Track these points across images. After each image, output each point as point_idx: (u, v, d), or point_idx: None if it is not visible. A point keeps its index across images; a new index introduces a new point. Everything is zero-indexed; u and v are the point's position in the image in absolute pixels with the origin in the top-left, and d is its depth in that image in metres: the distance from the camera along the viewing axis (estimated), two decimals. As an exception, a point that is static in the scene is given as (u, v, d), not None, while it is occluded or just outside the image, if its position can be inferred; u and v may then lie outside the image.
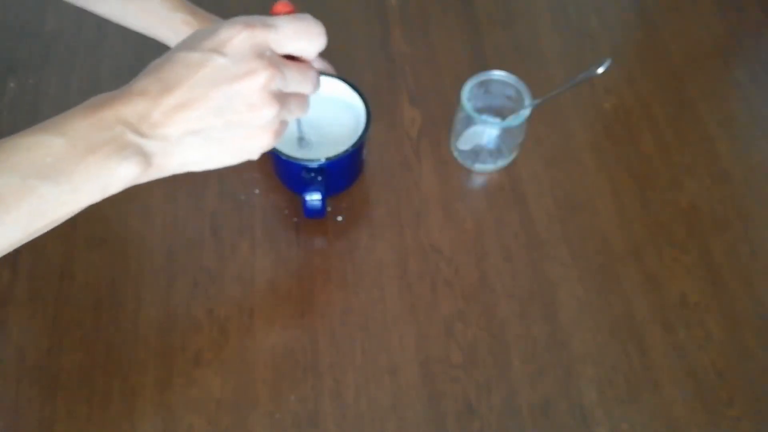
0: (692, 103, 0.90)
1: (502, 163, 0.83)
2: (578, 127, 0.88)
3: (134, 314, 0.74)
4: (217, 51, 0.49)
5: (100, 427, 0.68)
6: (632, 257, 0.78)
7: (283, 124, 0.54)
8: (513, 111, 0.79)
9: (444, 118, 0.86)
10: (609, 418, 0.69)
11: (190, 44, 0.50)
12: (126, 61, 0.91)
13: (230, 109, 0.50)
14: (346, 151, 0.74)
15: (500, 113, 0.81)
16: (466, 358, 0.72)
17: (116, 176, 0.48)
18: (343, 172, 0.79)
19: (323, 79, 0.77)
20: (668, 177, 0.84)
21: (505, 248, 0.78)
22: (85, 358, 0.71)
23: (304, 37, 0.52)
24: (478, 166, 0.83)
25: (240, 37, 0.49)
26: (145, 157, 0.49)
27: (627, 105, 0.90)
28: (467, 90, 0.79)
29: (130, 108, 0.48)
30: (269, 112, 0.51)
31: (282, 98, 0.52)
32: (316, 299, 0.75)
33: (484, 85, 0.80)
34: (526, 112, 0.77)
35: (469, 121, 0.79)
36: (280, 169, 0.81)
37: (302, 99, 0.55)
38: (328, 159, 0.74)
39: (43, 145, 0.47)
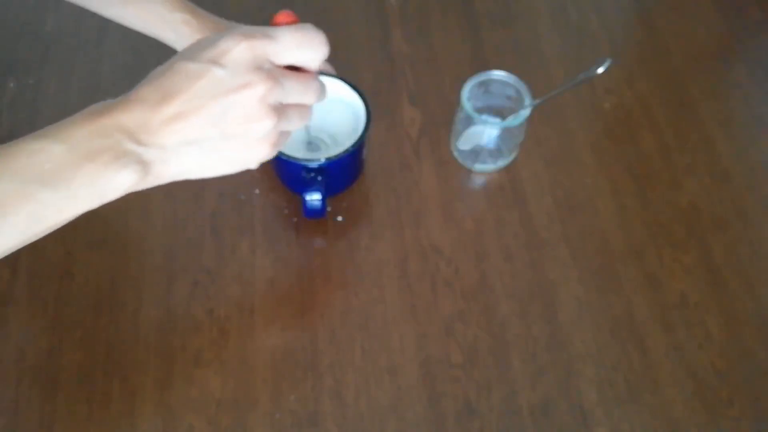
0: (692, 103, 0.90)
1: (502, 163, 0.83)
2: (578, 127, 0.88)
3: (134, 314, 0.74)
4: (216, 62, 0.49)
5: (100, 427, 0.68)
6: (632, 257, 0.78)
7: (284, 134, 0.54)
8: (513, 111, 0.79)
9: (444, 118, 0.87)
10: (609, 418, 0.69)
11: (190, 54, 0.50)
12: (126, 61, 0.91)
13: (227, 120, 0.50)
14: (346, 151, 0.74)
15: (500, 113, 0.82)
16: (466, 358, 0.72)
17: (114, 184, 0.49)
18: (343, 172, 0.79)
19: (327, 80, 0.77)
20: (668, 177, 0.84)
21: (505, 248, 0.79)
22: (85, 358, 0.72)
23: (305, 48, 0.52)
24: (478, 166, 0.83)
25: (239, 48, 0.49)
26: (143, 165, 0.49)
27: (627, 105, 0.90)
28: (467, 90, 0.79)
29: (129, 116, 0.49)
30: (266, 124, 0.51)
31: (281, 110, 0.52)
32: (316, 299, 0.76)
33: (484, 85, 0.81)
34: (526, 112, 0.77)
35: (469, 121, 0.79)
36: (280, 169, 0.81)
37: (303, 109, 0.55)
38: (328, 159, 0.74)
39: (43, 151, 0.47)
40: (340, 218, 0.80)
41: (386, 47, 0.93)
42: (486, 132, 0.80)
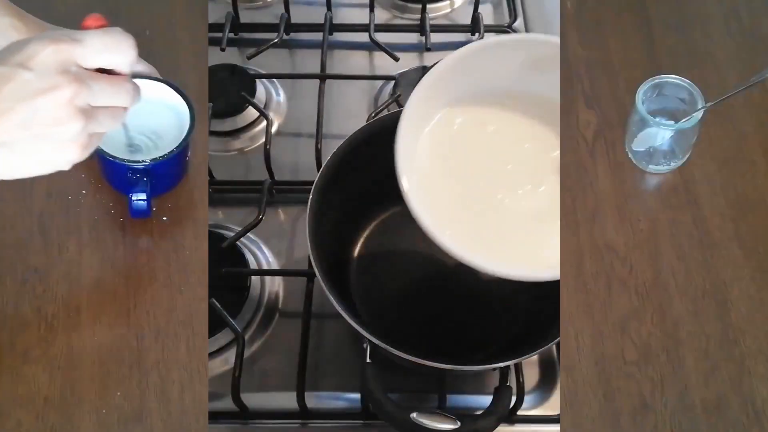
0: None
1: (675, 164, 0.98)
2: (751, 129, 1.02)
3: (-37, 312, 0.86)
4: (24, 66, 0.58)
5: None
6: (805, 256, 0.91)
7: (95, 136, 0.64)
8: (686, 113, 0.92)
9: (619, 120, 1.02)
10: (782, 415, 0.82)
11: (1, 58, 0.60)
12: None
13: (35, 123, 0.59)
14: (171, 152, 0.89)
15: (674, 116, 0.95)
16: (640, 355, 0.87)
17: None
18: (168, 173, 0.94)
19: (150, 83, 0.90)
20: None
21: (678, 247, 0.94)
22: None
23: (113, 52, 0.62)
24: (652, 167, 0.98)
25: (45, 52, 0.58)
26: None
27: (799, 106, 1.00)
28: (641, 93, 0.92)
29: None
30: (74, 126, 0.60)
31: (90, 112, 0.61)
32: (142, 297, 0.88)
33: (658, 87, 0.94)
34: (699, 115, 0.90)
35: (643, 123, 0.93)
36: (106, 170, 0.94)
37: (115, 111, 0.64)
38: (153, 160, 0.88)
39: None
40: (165, 218, 0.94)
41: (563, 49, 1.07)
42: (660, 134, 0.94)
